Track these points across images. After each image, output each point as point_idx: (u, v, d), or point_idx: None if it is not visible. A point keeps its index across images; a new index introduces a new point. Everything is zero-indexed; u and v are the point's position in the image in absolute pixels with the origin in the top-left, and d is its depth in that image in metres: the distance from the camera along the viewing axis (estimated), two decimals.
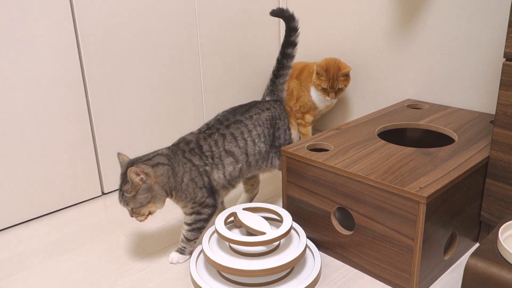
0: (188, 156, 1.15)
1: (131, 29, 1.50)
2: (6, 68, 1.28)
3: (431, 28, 1.53)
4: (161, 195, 1.10)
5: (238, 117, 1.24)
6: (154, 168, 1.09)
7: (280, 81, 1.36)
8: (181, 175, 1.13)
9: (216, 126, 1.22)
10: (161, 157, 1.12)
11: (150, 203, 1.09)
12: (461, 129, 1.31)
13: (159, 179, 1.09)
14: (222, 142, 1.19)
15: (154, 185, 1.09)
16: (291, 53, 1.34)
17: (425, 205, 0.95)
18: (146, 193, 1.08)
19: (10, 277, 1.16)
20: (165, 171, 1.11)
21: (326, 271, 1.14)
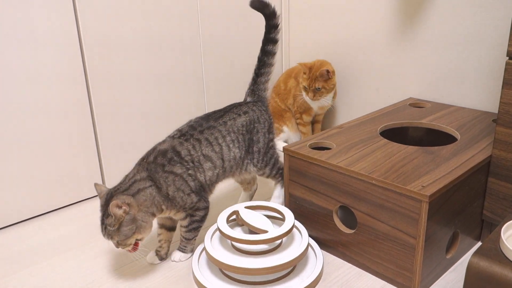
0: (168, 169, 1.11)
1: (132, 24, 1.50)
2: (8, 64, 1.28)
3: (434, 26, 1.53)
4: (146, 221, 1.06)
5: (211, 123, 1.21)
6: (136, 197, 1.05)
7: (261, 80, 1.33)
8: (165, 189, 1.09)
9: (190, 132, 1.17)
10: (141, 183, 1.08)
11: (135, 233, 1.05)
12: (463, 127, 1.31)
13: (143, 206, 1.06)
14: (199, 146, 1.16)
15: (138, 214, 1.05)
16: (272, 50, 1.31)
17: (427, 203, 0.95)
18: (130, 224, 1.03)
19: (13, 275, 1.17)
20: (148, 195, 1.07)
21: (328, 269, 1.14)
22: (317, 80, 1.65)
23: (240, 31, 1.82)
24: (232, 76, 1.85)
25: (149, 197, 1.07)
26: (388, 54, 1.68)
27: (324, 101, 1.72)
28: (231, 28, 1.79)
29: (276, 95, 1.89)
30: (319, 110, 1.79)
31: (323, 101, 1.71)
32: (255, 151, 1.26)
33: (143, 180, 1.08)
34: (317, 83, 1.65)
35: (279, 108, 1.86)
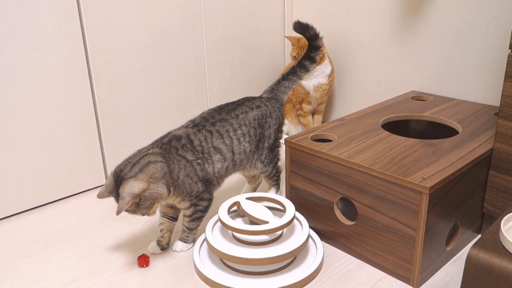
0: (182, 153, 1.13)
1: (136, 21, 1.50)
2: (13, 60, 1.29)
3: (437, 19, 1.52)
4: (161, 192, 1.07)
5: (223, 115, 1.22)
6: (145, 170, 1.06)
7: (285, 84, 1.36)
8: (177, 172, 1.11)
9: (202, 123, 1.19)
10: (152, 156, 1.09)
11: (154, 204, 1.08)
12: (465, 121, 1.31)
13: (153, 178, 1.06)
14: (210, 138, 1.18)
15: (151, 187, 1.06)
16: (307, 66, 1.38)
17: (427, 195, 0.96)
18: (147, 200, 1.06)
19: (15, 264, 1.18)
20: (159, 168, 1.07)
21: (328, 260, 1.15)
22: (306, 48, 1.66)
23: (242, 29, 1.81)
24: (234, 73, 1.84)
25: (160, 170, 1.08)
26: (390, 48, 1.67)
27: (318, 76, 1.71)
28: (234, 26, 1.78)
29: None
30: (316, 93, 1.77)
31: (317, 76, 1.72)
32: (265, 147, 1.27)
33: (156, 154, 1.10)
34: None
35: None
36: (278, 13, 1.93)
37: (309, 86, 1.76)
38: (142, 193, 1.04)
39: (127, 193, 1.02)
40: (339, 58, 1.84)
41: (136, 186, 1.03)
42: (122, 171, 1.06)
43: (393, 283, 1.07)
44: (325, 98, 1.83)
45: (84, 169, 1.51)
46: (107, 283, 1.09)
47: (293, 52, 1.72)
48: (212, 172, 1.17)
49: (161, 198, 1.08)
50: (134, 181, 1.04)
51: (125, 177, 1.05)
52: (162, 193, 1.07)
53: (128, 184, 1.04)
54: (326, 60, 1.73)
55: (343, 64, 1.84)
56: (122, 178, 1.05)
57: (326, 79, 1.75)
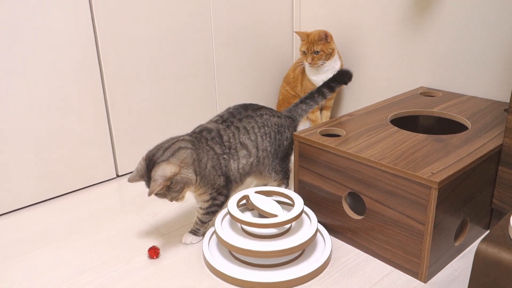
0: (211, 144, 1.16)
1: (146, 19, 1.51)
2: (26, 55, 1.30)
3: (446, 15, 1.52)
4: (191, 178, 1.10)
5: (249, 112, 1.26)
6: (176, 154, 1.10)
7: (302, 107, 1.41)
8: (205, 161, 1.14)
9: (230, 119, 1.24)
10: (183, 142, 1.13)
11: (184, 189, 1.11)
12: (474, 116, 1.31)
13: (184, 162, 1.10)
14: (238, 134, 1.21)
15: (182, 171, 1.09)
16: (325, 93, 1.43)
17: (436, 190, 0.96)
18: (178, 184, 1.09)
19: (29, 254, 1.20)
20: (189, 154, 1.11)
21: (336, 254, 1.16)
22: (315, 43, 1.68)
23: (251, 25, 1.82)
24: (243, 69, 1.85)
25: (190, 156, 1.11)
26: (400, 43, 1.67)
27: (327, 71, 1.72)
28: (242, 21, 1.79)
29: (286, 84, 1.90)
30: None
31: (326, 71, 1.72)
32: (279, 157, 1.30)
33: (186, 141, 1.14)
34: (315, 46, 1.68)
35: (289, 95, 1.88)
36: (287, 8, 1.93)
37: (318, 82, 1.76)
38: (174, 176, 1.08)
39: (160, 176, 1.06)
40: (348, 53, 1.84)
41: (168, 170, 1.07)
42: (155, 155, 1.10)
43: (401, 277, 1.07)
44: (333, 93, 1.83)
45: (95, 163, 1.53)
46: (118, 273, 1.11)
47: (303, 47, 1.73)
48: (236, 168, 1.20)
49: (191, 184, 1.11)
50: (167, 165, 1.08)
51: (158, 160, 1.09)
52: (192, 179, 1.11)
53: (161, 167, 1.07)
54: (336, 56, 1.74)
55: (352, 59, 1.84)
56: (155, 162, 1.09)
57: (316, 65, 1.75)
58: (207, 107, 1.77)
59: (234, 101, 1.84)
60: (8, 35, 1.27)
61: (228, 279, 1.06)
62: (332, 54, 1.72)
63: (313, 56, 1.69)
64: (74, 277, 1.10)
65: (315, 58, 1.69)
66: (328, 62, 1.72)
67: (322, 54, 1.69)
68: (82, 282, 1.08)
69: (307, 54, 1.70)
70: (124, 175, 1.62)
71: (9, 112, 1.32)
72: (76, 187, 1.51)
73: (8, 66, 1.29)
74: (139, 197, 1.46)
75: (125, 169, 1.62)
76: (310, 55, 1.70)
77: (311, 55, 1.69)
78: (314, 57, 1.69)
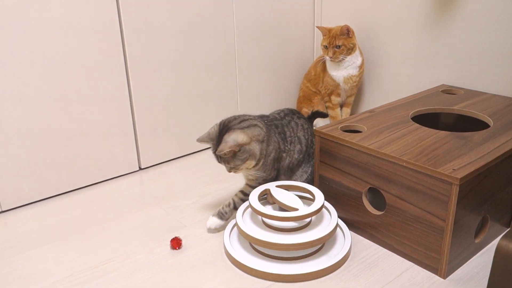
0: (278, 138, 1.24)
1: (170, 12, 1.54)
2: (52, 50, 1.34)
3: (468, 12, 1.51)
4: (257, 153, 1.17)
5: (296, 114, 1.36)
6: (248, 130, 1.17)
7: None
8: (271, 149, 1.20)
9: (290, 115, 1.32)
10: (258, 122, 1.20)
11: (247, 161, 1.17)
12: (496, 114, 1.31)
13: (256, 137, 1.17)
14: (296, 129, 1.29)
15: (251, 144, 1.16)
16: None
17: (458, 186, 0.97)
18: (244, 154, 1.15)
19: (54, 242, 1.23)
20: (261, 134, 1.18)
21: (356, 249, 1.17)
22: (337, 37, 1.70)
23: (272, 19, 1.83)
24: (264, 64, 1.86)
25: (262, 135, 1.19)
26: (422, 40, 1.67)
27: (348, 67, 1.73)
28: (264, 16, 1.80)
29: (307, 81, 1.91)
30: (346, 84, 1.78)
31: (347, 67, 1.73)
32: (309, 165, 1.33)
33: (259, 122, 1.21)
34: (337, 41, 1.70)
35: (309, 92, 1.89)
36: (309, 3, 1.94)
37: (339, 78, 1.77)
38: (243, 145, 1.14)
39: (232, 139, 1.14)
40: (369, 49, 1.85)
41: (241, 137, 1.15)
42: (230, 122, 1.18)
43: (420, 272, 1.08)
44: (354, 90, 1.83)
45: (118, 156, 1.56)
46: (141, 263, 1.14)
47: (324, 42, 1.74)
48: (288, 163, 1.26)
49: (254, 158, 1.17)
50: (241, 133, 1.15)
51: (233, 127, 1.17)
52: (257, 154, 1.17)
53: (235, 132, 1.15)
54: (357, 51, 1.74)
55: (374, 56, 1.84)
56: (230, 127, 1.16)
57: (356, 70, 1.75)
58: (228, 101, 1.80)
59: (254, 96, 1.87)
60: (33, 25, 1.30)
61: (249, 270, 1.08)
62: (353, 49, 1.72)
63: (334, 50, 1.70)
64: (98, 266, 1.13)
65: (336, 52, 1.70)
66: (349, 57, 1.72)
67: (343, 49, 1.70)
68: (107, 270, 1.11)
69: (329, 48, 1.71)
70: (146, 168, 1.65)
71: (36, 105, 1.36)
72: (99, 179, 1.55)
73: (34, 58, 1.32)
74: (161, 190, 1.49)
75: (148, 162, 1.65)
76: (331, 49, 1.70)
77: (332, 49, 1.70)
78: (335, 51, 1.70)
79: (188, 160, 1.71)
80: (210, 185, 1.51)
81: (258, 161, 1.19)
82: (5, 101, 1.30)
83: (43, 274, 1.11)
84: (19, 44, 1.29)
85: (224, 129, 1.17)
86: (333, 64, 1.75)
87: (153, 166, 1.67)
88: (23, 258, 1.17)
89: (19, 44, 1.29)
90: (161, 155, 1.67)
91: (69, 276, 1.10)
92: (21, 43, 1.29)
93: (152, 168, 1.65)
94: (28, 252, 1.20)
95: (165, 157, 1.69)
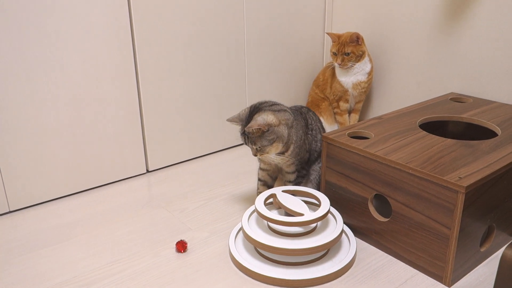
0: (303, 123, 1.29)
1: (180, 16, 1.55)
2: (66, 54, 1.36)
3: (478, 21, 1.51)
4: (285, 135, 1.20)
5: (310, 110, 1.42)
6: (278, 114, 1.20)
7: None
8: (301, 133, 1.26)
9: (306, 108, 1.39)
10: (284, 107, 1.25)
11: (275, 142, 1.19)
12: (505, 123, 1.30)
13: (285, 121, 1.21)
14: (315, 118, 1.37)
15: (280, 127, 1.19)
16: None
17: (463, 194, 0.96)
18: (271, 135, 1.18)
19: (63, 242, 1.25)
20: (290, 119, 1.23)
21: (361, 255, 1.17)
22: (346, 45, 1.71)
23: (283, 25, 1.84)
24: (273, 69, 1.87)
25: (290, 120, 1.23)
26: (431, 48, 1.67)
27: (357, 74, 1.73)
28: (275, 21, 1.81)
29: (316, 86, 1.92)
30: (354, 90, 1.78)
31: (356, 73, 1.74)
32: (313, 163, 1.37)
33: (287, 108, 1.26)
34: (346, 48, 1.70)
35: (318, 98, 1.89)
36: (319, 9, 1.95)
37: (347, 84, 1.77)
38: (272, 126, 1.18)
39: (262, 118, 1.18)
40: (379, 56, 1.85)
41: (271, 118, 1.18)
42: (261, 104, 1.22)
43: (425, 280, 1.08)
44: (363, 96, 1.84)
45: (126, 158, 1.58)
46: (146, 265, 1.14)
47: (333, 48, 1.74)
48: (315, 149, 1.33)
49: (282, 141, 1.20)
50: (271, 114, 1.19)
51: (264, 109, 1.21)
52: (285, 137, 1.21)
53: (266, 113, 1.19)
54: (366, 58, 1.75)
55: (383, 62, 1.85)
56: (260, 109, 1.20)
57: (365, 77, 1.76)
58: (237, 106, 1.80)
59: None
60: (49, 33, 1.32)
61: (253, 275, 1.08)
62: (362, 56, 1.73)
63: (343, 57, 1.71)
64: (104, 267, 1.14)
65: (345, 59, 1.71)
66: (358, 64, 1.73)
67: (352, 56, 1.70)
68: (112, 272, 1.12)
69: (338, 55, 1.72)
70: (154, 170, 1.66)
71: (47, 107, 1.37)
72: (107, 180, 1.56)
73: (48, 63, 1.34)
74: (168, 193, 1.50)
75: (155, 165, 1.66)
76: (340, 56, 1.71)
77: (341, 56, 1.71)
78: (344, 58, 1.71)
79: (195, 163, 1.72)
80: (216, 189, 1.52)
81: (288, 146, 1.23)
82: (16, 102, 1.32)
83: (49, 274, 1.12)
84: (34, 50, 1.31)
85: (254, 110, 1.21)
86: (342, 70, 1.76)
87: (161, 169, 1.68)
88: (31, 258, 1.19)
89: (34, 49, 1.31)
90: (168, 158, 1.68)
91: (75, 277, 1.11)
92: (36, 49, 1.31)
93: (160, 170, 1.67)
94: (35, 252, 1.21)
95: (172, 160, 1.70)
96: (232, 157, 1.76)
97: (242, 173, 1.62)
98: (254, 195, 1.45)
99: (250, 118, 1.20)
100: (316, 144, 1.34)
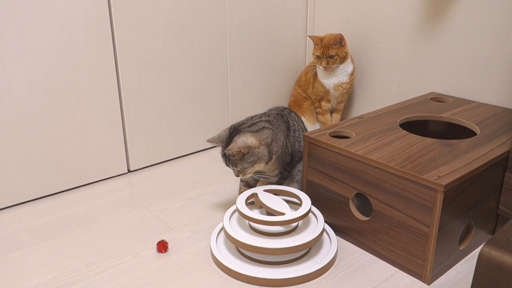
0: (284, 126, 1.29)
1: (162, 11, 1.54)
2: (41, 45, 1.34)
3: (458, 21, 1.53)
4: (265, 156, 1.21)
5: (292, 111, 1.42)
6: (259, 133, 1.21)
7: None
8: (282, 141, 1.26)
9: (288, 109, 1.39)
10: (266, 123, 1.25)
11: (255, 164, 1.20)
12: (483, 123, 1.32)
13: (264, 141, 1.21)
14: (297, 119, 1.37)
15: (260, 148, 1.20)
16: None
17: (442, 193, 0.97)
18: (252, 157, 1.19)
19: (41, 243, 1.23)
20: (270, 135, 1.23)
21: (342, 254, 1.17)
22: (330, 47, 1.70)
23: (265, 26, 1.84)
24: (256, 69, 1.87)
25: (270, 136, 1.23)
26: (412, 48, 1.69)
27: (339, 75, 1.74)
28: (257, 22, 1.81)
29: (298, 86, 1.92)
30: (336, 91, 1.79)
31: (338, 75, 1.74)
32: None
33: (267, 122, 1.26)
34: (330, 50, 1.70)
35: (300, 97, 1.90)
36: (301, 11, 1.95)
37: (329, 85, 1.78)
38: (252, 148, 1.18)
39: (242, 140, 1.18)
40: (360, 57, 1.86)
41: (251, 140, 1.19)
42: (241, 125, 1.22)
43: (404, 278, 1.08)
44: (344, 97, 1.84)
45: (107, 158, 1.56)
46: (126, 266, 1.13)
47: (317, 52, 1.73)
48: (298, 149, 1.33)
49: (263, 161, 1.21)
50: (251, 136, 1.20)
51: (243, 130, 1.21)
52: (265, 157, 1.21)
53: (245, 135, 1.20)
54: (349, 59, 1.75)
55: (364, 63, 1.86)
56: (240, 130, 1.20)
57: (347, 77, 1.76)
58: (219, 104, 1.80)
59: (246, 100, 1.88)
60: (22, 21, 1.30)
61: (235, 274, 1.08)
62: (345, 57, 1.73)
63: (328, 60, 1.70)
64: (84, 268, 1.13)
65: (330, 62, 1.70)
66: (341, 66, 1.73)
67: (336, 58, 1.70)
68: (91, 273, 1.11)
69: (322, 59, 1.71)
70: (135, 170, 1.65)
71: (24, 105, 1.35)
72: (88, 180, 1.54)
73: (22, 55, 1.32)
74: (149, 193, 1.49)
75: (137, 164, 1.64)
76: (324, 59, 1.71)
77: (326, 59, 1.70)
78: (329, 61, 1.70)
79: (177, 163, 1.71)
80: (198, 189, 1.51)
81: (270, 158, 1.23)
82: None
83: (27, 275, 1.11)
84: (6, 40, 1.28)
85: (234, 132, 1.22)
86: (325, 72, 1.76)
87: (142, 168, 1.67)
88: (9, 259, 1.17)
89: (7, 40, 1.28)
90: (150, 158, 1.67)
91: (54, 278, 1.09)
92: (9, 40, 1.29)
93: (141, 170, 1.65)
94: (14, 253, 1.19)
95: (154, 160, 1.69)
96: (214, 157, 1.76)
97: (224, 173, 1.62)
98: (236, 195, 1.45)
99: (230, 140, 1.20)
100: (299, 144, 1.34)
